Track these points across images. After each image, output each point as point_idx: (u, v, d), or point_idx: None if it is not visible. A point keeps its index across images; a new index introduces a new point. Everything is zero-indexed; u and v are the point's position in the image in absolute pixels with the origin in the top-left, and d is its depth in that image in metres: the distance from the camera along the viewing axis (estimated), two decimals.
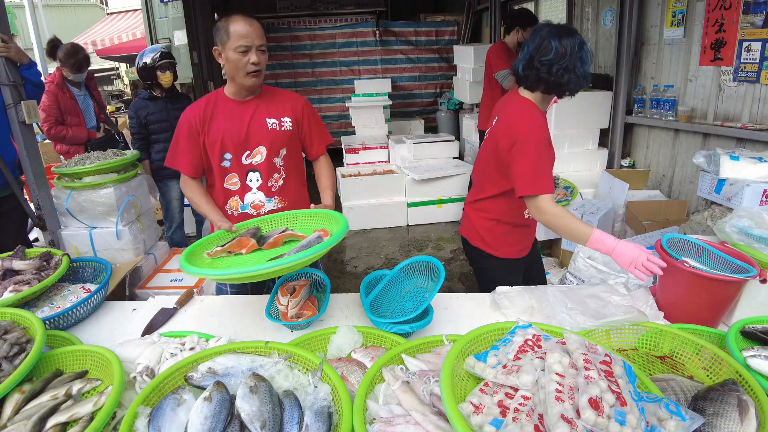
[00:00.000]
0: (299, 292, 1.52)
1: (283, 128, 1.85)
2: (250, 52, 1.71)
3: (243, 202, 1.88)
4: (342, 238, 1.46)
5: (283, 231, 1.66)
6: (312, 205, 1.82)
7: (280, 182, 1.91)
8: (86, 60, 3.64)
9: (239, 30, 1.69)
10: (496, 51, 3.98)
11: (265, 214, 1.87)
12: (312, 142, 1.97)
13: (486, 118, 4.09)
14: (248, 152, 1.83)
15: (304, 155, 2.08)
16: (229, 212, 1.91)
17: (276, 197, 1.91)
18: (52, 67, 3.73)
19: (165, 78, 3.31)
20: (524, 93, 1.80)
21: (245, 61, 1.71)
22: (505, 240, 1.94)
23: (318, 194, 2.04)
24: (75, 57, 3.56)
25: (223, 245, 1.60)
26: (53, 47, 3.63)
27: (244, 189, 1.87)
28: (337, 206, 2.04)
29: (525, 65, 1.73)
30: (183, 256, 1.48)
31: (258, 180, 1.87)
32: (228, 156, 1.84)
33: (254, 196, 1.88)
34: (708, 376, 1.18)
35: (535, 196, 1.64)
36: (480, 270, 2.08)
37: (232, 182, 1.87)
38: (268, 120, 1.83)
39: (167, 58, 3.32)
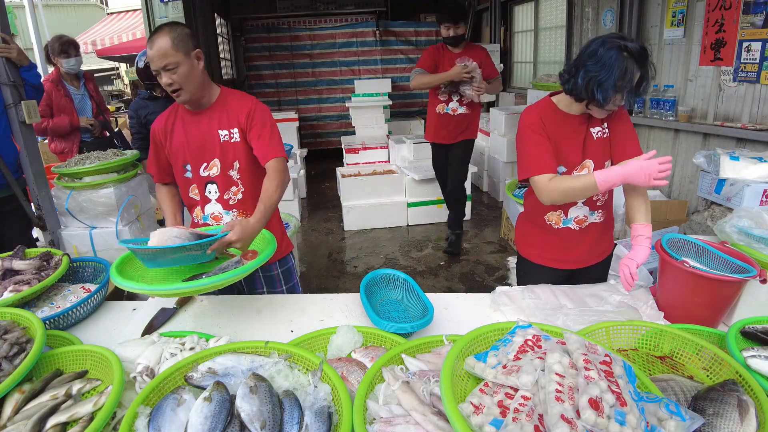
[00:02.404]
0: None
1: (233, 140, 1.74)
2: (160, 75, 1.62)
3: (204, 213, 1.85)
4: (264, 263, 1.48)
5: None
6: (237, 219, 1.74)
7: (239, 195, 1.81)
8: (72, 44, 3.60)
9: (148, 54, 1.63)
10: (426, 50, 3.79)
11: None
12: (255, 150, 1.75)
13: (430, 128, 3.95)
14: (205, 164, 1.78)
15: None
16: (196, 220, 1.90)
17: (235, 210, 1.82)
18: (52, 68, 3.72)
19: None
20: (555, 97, 1.76)
21: (164, 83, 1.64)
22: (527, 239, 1.93)
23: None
24: (59, 40, 3.55)
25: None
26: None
27: (204, 200, 1.83)
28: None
29: (567, 66, 1.68)
30: (117, 263, 1.52)
31: (216, 192, 1.81)
32: (188, 167, 1.80)
33: (213, 208, 1.83)
34: (708, 376, 1.18)
35: (531, 177, 1.65)
36: (516, 269, 2.10)
37: (195, 193, 1.84)
38: (220, 132, 1.73)
39: None
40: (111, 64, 13.61)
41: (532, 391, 0.91)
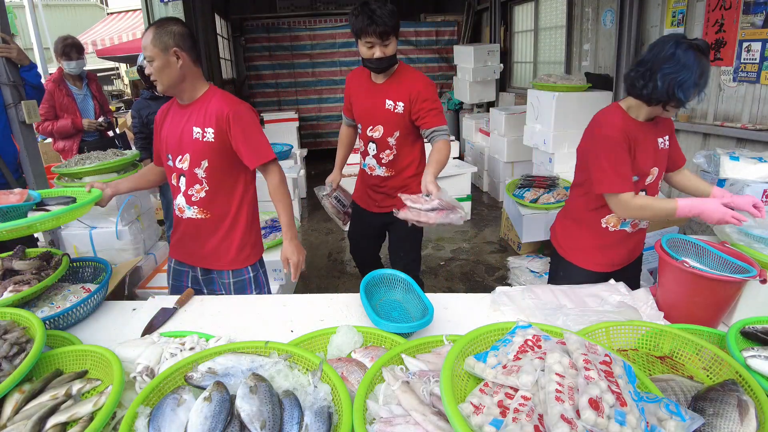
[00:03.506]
0: None
1: (204, 139, 1.76)
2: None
3: (176, 201, 1.92)
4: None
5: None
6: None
7: (202, 194, 1.84)
8: (75, 47, 3.62)
9: None
10: (347, 77, 2.53)
11: (184, 220, 1.91)
12: (242, 156, 1.80)
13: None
14: (180, 156, 1.83)
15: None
16: (175, 205, 1.96)
17: (196, 207, 1.86)
18: (53, 68, 3.73)
19: None
20: (626, 99, 1.77)
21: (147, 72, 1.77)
22: (575, 244, 1.93)
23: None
24: (63, 42, 3.57)
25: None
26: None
27: (176, 190, 1.90)
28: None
29: (634, 69, 1.69)
30: None
31: (183, 185, 1.86)
32: (170, 156, 1.86)
33: (180, 200, 1.89)
34: (708, 376, 1.18)
35: (615, 194, 1.68)
36: (550, 269, 2.11)
37: (174, 181, 1.90)
38: (194, 128, 1.77)
39: None
40: (111, 64, 13.60)
41: (532, 391, 0.91)
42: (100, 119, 3.79)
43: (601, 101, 4.17)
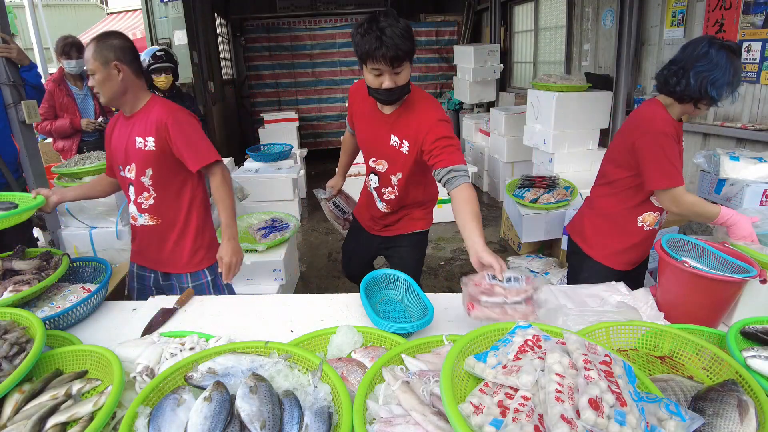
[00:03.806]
0: None
1: (146, 148, 1.79)
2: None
3: (129, 209, 1.97)
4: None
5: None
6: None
7: (150, 201, 1.89)
8: (75, 46, 3.61)
9: None
10: (350, 90, 2.12)
11: (139, 228, 1.96)
12: (184, 160, 1.81)
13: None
14: (128, 166, 1.87)
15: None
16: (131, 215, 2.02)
17: (146, 214, 1.91)
18: (53, 68, 3.73)
19: (159, 81, 3.30)
20: (659, 97, 1.82)
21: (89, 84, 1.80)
22: (605, 242, 1.93)
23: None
24: (64, 41, 3.57)
25: None
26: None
27: (129, 199, 1.96)
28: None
29: (667, 67, 1.75)
30: None
31: (133, 194, 1.91)
32: (120, 167, 1.91)
33: (132, 208, 1.95)
34: (708, 376, 1.18)
35: (671, 189, 1.70)
36: (571, 268, 2.10)
37: (125, 190, 1.96)
38: (137, 138, 1.81)
39: (162, 61, 3.29)
40: None
41: (532, 391, 0.91)
42: (100, 119, 3.79)
43: (601, 101, 4.17)
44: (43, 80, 2.78)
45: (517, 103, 6.43)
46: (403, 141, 1.81)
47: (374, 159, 1.97)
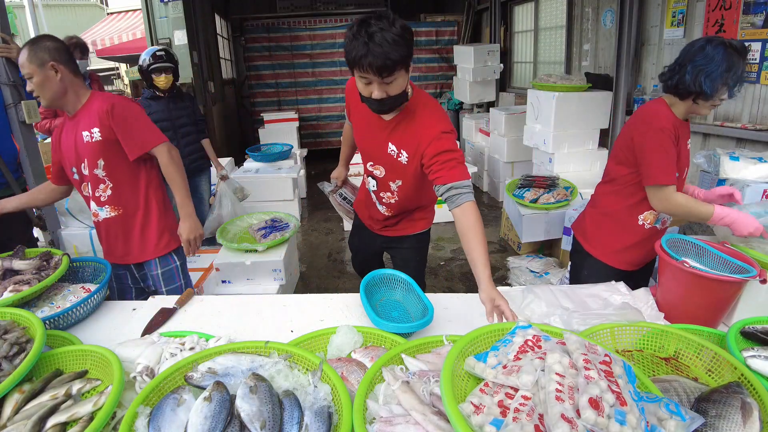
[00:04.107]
0: None
1: (94, 139, 1.83)
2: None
3: (90, 209, 2.00)
4: None
5: None
6: None
7: (108, 192, 1.92)
8: (79, 46, 3.60)
9: None
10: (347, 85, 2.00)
11: (102, 223, 1.99)
12: (124, 147, 1.86)
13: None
14: (82, 164, 1.89)
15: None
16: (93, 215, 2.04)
17: (107, 206, 1.95)
18: None
19: (159, 81, 3.30)
20: (663, 97, 1.82)
21: (28, 89, 1.81)
22: (605, 240, 1.93)
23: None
24: (68, 42, 3.56)
25: None
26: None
27: (87, 199, 1.99)
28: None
29: (669, 66, 1.77)
30: None
31: (90, 190, 1.94)
32: (74, 169, 1.93)
33: (92, 205, 1.98)
34: (712, 378, 1.18)
35: (661, 186, 1.70)
36: (573, 265, 2.10)
37: (83, 192, 1.98)
38: (83, 133, 1.83)
39: (162, 61, 3.29)
40: (111, 64, 13.60)
41: (533, 391, 0.91)
42: None
43: (601, 101, 4.17)
44: None
45: (517, 103, 6.43)
46: (401, 151, 1.70)
47: (372, 163, 1.87)
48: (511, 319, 1.28)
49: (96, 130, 1.82)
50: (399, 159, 1.72)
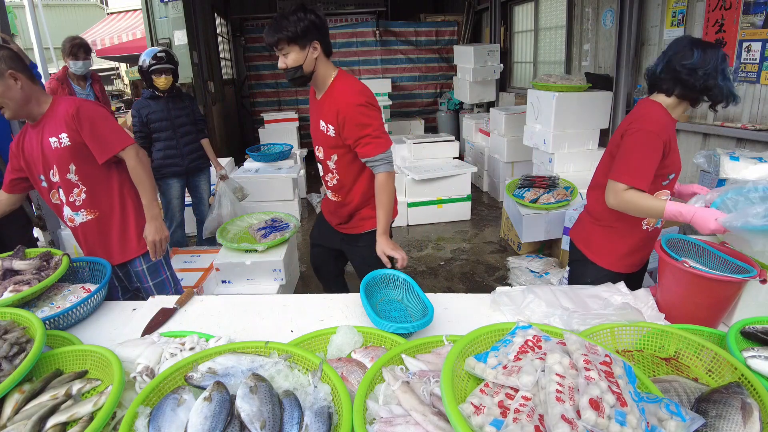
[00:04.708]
0: None
1: (62, 145, 1.82)
2: None
3: (63, 216, 1.99)
4: None
5: None
6: None
7: (83, 196, 1.92)
8: (82, 47, 3.61)
9: None
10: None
11: (80, 227, 1.98)
12: (92, 151, 1.86)
13: None
14: (50, 171, 1.88)
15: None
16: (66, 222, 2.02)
17: (83, 210, 1.95)
18: (53, 68, 3.74)
19: (159, 81, 3.30)
20: (656, 97, 1.79)
21: None
22: (611, 246, 1.90)
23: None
24: (72, 41, 3.57)
25: None
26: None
27: (60, 206, 1.97)
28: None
29: (663, 68, 1.72)
30: None
31: (63, 196, 1.93)
32: (42, 177, 1.92)
33: (67, 211, 1.96)
34: (712, 378, 1.18)
35: (624, 185, 1.65)
36: (573, 273, 2.08)
37: (55, 198, 1.96)
38: (50, 140, 1.82)
39: (163, 62, 3.29)
40: (111, 64, 13.61)
41: (533, 391, 0.91)
42: None
43: (601, 101, 4.17)
44: (43, 80, 2.78)
45: (517, 103, 6.43)
46: (328, 125, 1.88)
47: (317, 147, 2.04)
48: (401, 262, 1.81)
49: (64, 135, 1.81)
50: (328, 133, 1.90)
